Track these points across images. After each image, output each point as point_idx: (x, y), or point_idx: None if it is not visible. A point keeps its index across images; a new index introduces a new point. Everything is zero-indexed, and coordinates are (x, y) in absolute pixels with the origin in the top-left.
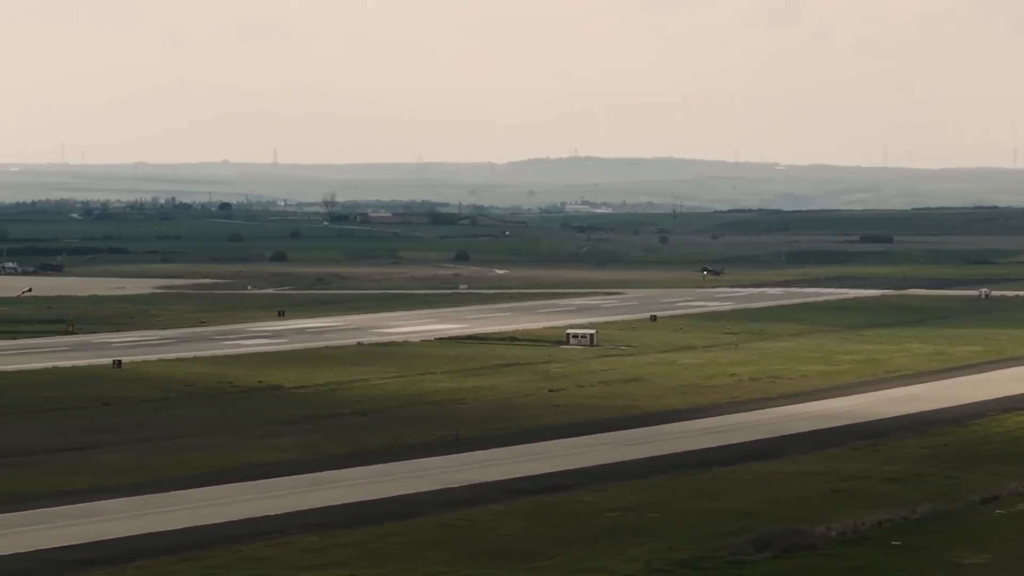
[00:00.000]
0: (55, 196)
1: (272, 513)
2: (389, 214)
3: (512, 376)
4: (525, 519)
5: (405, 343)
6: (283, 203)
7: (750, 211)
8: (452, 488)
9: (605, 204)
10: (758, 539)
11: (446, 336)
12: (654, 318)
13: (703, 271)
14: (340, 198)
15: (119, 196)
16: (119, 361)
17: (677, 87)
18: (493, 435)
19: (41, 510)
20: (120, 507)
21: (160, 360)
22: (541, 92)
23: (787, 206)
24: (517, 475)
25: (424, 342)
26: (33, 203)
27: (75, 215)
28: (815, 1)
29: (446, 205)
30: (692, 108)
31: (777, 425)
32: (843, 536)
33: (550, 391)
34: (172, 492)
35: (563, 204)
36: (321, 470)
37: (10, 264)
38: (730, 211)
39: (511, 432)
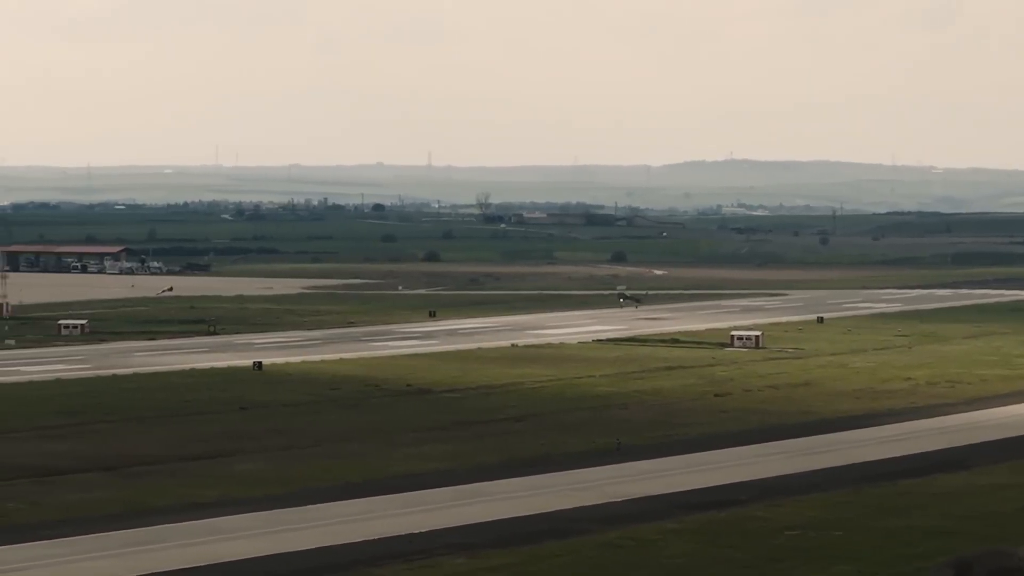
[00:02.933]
0: (207, 198)
1: (417, 530)
2: (544, 215)
3: (675, 380)
4: (697, 538)
5: (562, 345)
6: (437, 204)
7: (909, 213)
8: (615, 502)
9: (761, 207)
10: (958, 562)
11: (604, 338)
12: (821, 319)
13: (620, 298)
14: (494, 200)
15: (272, 198)
16: (260, 363)
17: (833, 90)
18: (657, 443)
19: (161, 527)
20: (248, 523)
21: (304, 362)
22: (696, 95)
23: (945, 209)
24: (685, 488)
25: (582, 343)
26: (185, 204)
27: (226, 216)
28: (970, 2)
29: (601, 207)
30: (848, 111)
31: (961, 433)
32: None
33: (716, 396)
34: (308, 506)
35: (719, 207)
36: (472, 481)
37: (155, 264)
38: (889, 213)
39: (676, 440)
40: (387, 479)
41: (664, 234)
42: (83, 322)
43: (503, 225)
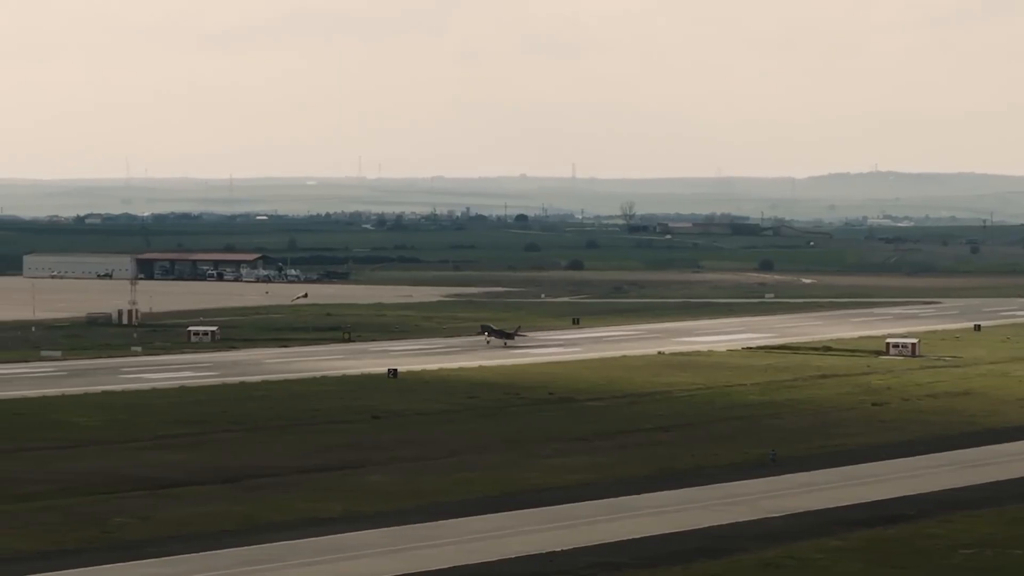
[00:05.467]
0: (350, 208)
1: (558, 548)
2: (689, 225)
3: (830, 388)
4: (864, 557)
5: (710, 352)
6: (580, 215)
7: None
8: (772, 518)
9: (906, 218)
10: None
11: (754, 345)
12: (978, 327)
13: (484, 333)
14: (638, 211)
15: (415, 209)
16: (395, 370)
17: (977, 102)
18: (814, 454)
19: (279, 544)
20: (375, 540)
21: (441, 369)
22: (840, 107)
23: None
24: (847, 502)
25: (730, 351)
26: (327, 215)
27: (368, 226)
28: None
29: (746, 219)
30: (993, 123)
31: None
32: None
33: (873, 405)
34: (440, 521)
35: (864, 218)
36: (617, 495)
37: (292, 272)
38: None
39: (834, 451)
40: (526, 492)
41: (811, 243)
42: (213, 329)
43: (646, 235)
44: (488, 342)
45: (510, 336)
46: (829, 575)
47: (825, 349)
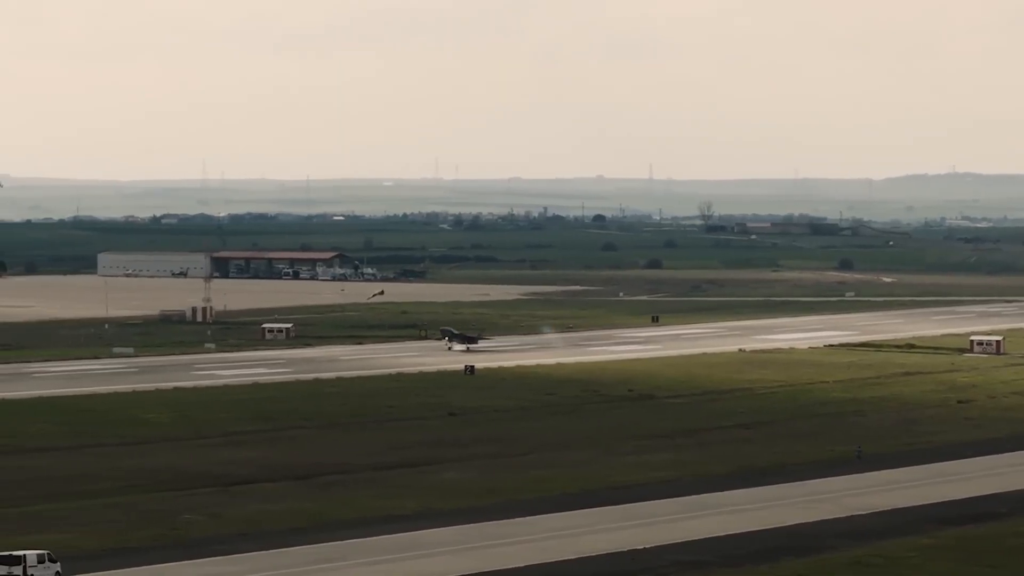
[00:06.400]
0: (426, 209)
1: (640, 546)
2: (768, 224)
3: (914, 386)
4: (955, 556)
5: (791, 350)
6: (658, 215)
7: None
8: (859, 515)
9: (985, 219)
10: None
11: (836, 343)
12: None
13: (445, 338)
14: (716, 212)
15: (491, 209)
16: (472, 367)
17: None
18: (899, 451)
19: (349, 541)
20: (450, 537)
21: (518, 366)
22: (917, 109)
23: None
24: (935, 499)
25: (812, 349)
26: (403, 216)
27: (444, 226)
28: None
29: (823, 219)
30: None
31: None
32: None
33: (959, 402)
34: (517, 519)
35: (943, 219)
36: (699, 492)
37: (368, 270)
38: None
39: (920, 448)
40: (605, 490)
41: (891, 243)
42: (288, 326)
43: (724, 235)
44: (450, 347)
45: (473, 340)
46: (920, 574)
47: (908, 347)
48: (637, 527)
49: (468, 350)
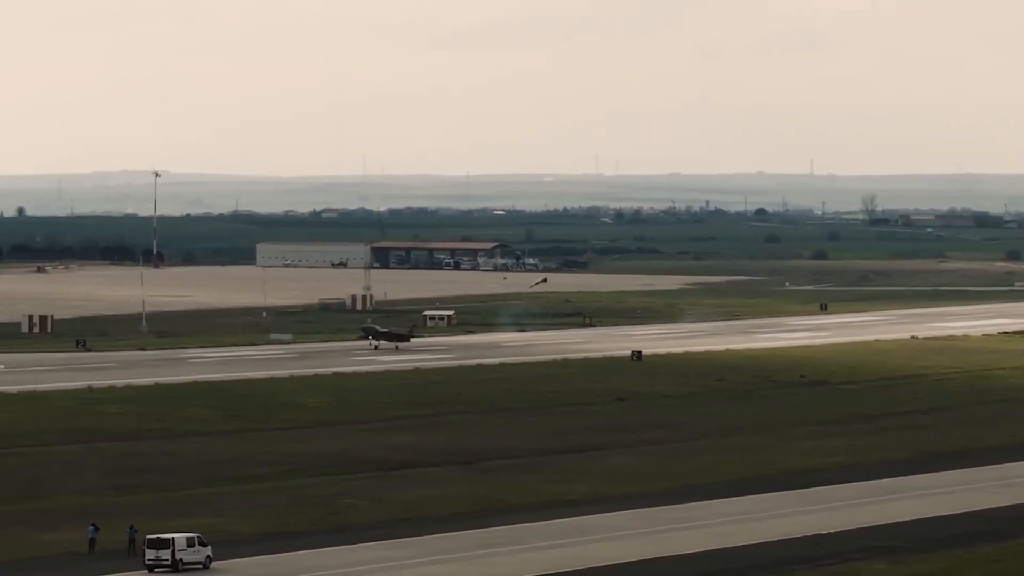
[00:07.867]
0: (587, 204)
1: (824, 531)
2: (932, 217)
3: None
4: None
5: (965, 337)
6: (821, 208)
7: None
8: None
9: None
10: None
11: (1011, 330)
12: None
13: (368, 337)
14: (878, 206)
15: (652, 204)
16: (639, 353)
17: None
18: None
19: (517, 526)
20: (622, 522)
21: (686, 353)
22: None
23: None
24: None
25: (986, 336)
26: (564, 210)
27: (606, 220)
28: None
29: (986, 213)
30: None
31: None
32: None
33: None
34: (691, 503)
35: None
36: (880, 477)
37: (530, 261)
38: None
39: None
40: (782, 474)
41: None
42: (450, 313)
43: (888, 228)
44: (376, 346)
45: (403, 338)
46: None
47: None
48: (819, 512)
49: (397, 348)
